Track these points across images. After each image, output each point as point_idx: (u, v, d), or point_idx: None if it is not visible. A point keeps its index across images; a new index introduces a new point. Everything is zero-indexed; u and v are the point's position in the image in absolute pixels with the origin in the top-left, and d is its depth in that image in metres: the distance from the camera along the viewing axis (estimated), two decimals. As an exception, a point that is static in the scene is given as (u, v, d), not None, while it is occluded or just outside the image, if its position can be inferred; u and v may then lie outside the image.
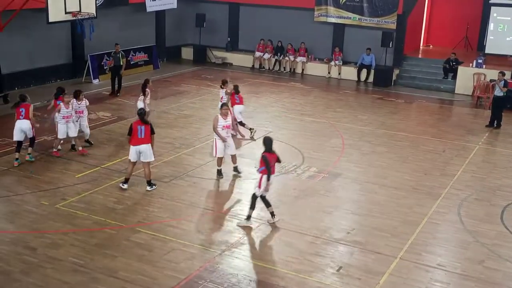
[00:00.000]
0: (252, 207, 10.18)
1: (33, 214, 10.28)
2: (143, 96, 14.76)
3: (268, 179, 9.97)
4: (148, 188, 11.53)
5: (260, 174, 10.02)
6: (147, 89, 14.92)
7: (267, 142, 10.18)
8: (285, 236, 9.89)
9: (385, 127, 16.75)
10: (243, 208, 10.80)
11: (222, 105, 12.64)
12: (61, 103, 13.08)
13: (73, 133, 13.27)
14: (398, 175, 12.97)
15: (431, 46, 26.84)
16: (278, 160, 10.37)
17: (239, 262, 9.02)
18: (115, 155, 13.48)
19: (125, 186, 11.54)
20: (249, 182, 12.18)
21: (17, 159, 12.58)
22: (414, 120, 18.28)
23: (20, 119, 12.55)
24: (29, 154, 12.84)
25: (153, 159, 11.62)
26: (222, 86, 15.30)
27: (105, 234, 9.65)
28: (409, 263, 9.15)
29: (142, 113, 11.51)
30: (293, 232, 10.04)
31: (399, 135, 16.02)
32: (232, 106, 14.49)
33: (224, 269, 8.75)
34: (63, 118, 12.99)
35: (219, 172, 12.35)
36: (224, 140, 12.04)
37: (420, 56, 24.70)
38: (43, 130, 14.08)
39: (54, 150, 13.37)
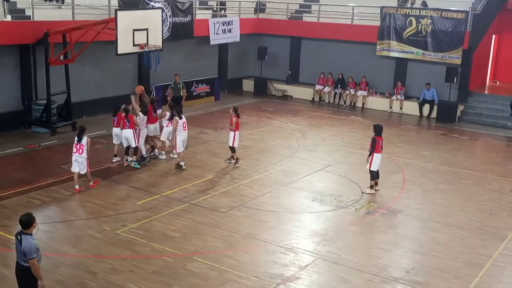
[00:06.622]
0: (372, 178, 13.42)
1: (95, 239, 10.55)
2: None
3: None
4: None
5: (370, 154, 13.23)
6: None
7: (377, 128, 13.26)
8: (342, 273, 9.68)
9: (449, 164, 16.27)
10: (299, 242, 10.71)
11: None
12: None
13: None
14: (462, 214, 12.53)
15: (498, 82, 26.07)
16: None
17: (295, 296, 8.90)
18: (175, 184, 13.73)
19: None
20: (308, 216, 12.09)
21: (126, 160, 14.87)
22: (480, 157, 17.68)
23: (125, 128, 14.42)
24: (133, 161, 14.67)
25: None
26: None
27: (162, 262, 9.76)
28: (472, 307, 8.77)
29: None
30: (350, 268, 9.82)
31: (463, 173, 15.51)
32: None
33: (279, 303, 8.65)
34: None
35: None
36: None
37: (486, 92, 24.01)
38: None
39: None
